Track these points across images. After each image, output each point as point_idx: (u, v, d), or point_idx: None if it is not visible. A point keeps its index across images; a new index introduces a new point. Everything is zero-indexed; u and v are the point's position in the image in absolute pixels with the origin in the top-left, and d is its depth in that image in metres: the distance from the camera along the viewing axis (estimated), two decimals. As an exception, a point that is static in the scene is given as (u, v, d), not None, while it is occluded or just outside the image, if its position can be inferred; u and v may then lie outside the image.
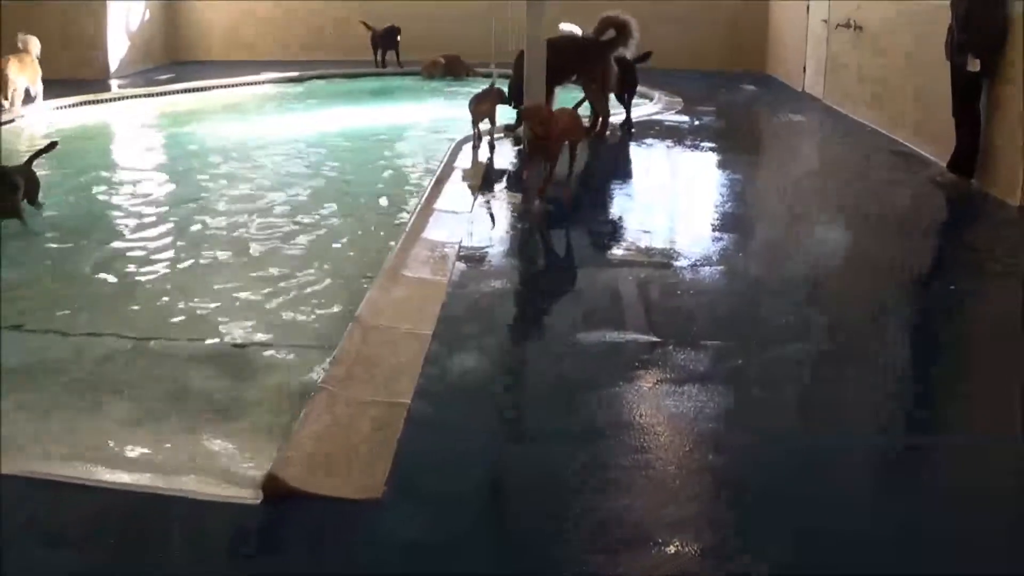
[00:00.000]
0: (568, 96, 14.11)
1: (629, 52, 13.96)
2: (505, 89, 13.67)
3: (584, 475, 4.90)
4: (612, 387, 5.85)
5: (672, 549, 4.23)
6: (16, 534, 4.43)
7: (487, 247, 8.73)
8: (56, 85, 18.04)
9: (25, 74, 16.62)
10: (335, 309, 7.48)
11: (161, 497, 4.75)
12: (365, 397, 5.60)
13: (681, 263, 8.21)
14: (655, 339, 6.49)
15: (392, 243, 8.58)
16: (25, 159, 10.14)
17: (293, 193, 11.38)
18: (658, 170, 12.71)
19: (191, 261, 8.85)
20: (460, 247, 8.50)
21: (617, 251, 8.68)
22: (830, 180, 12.28)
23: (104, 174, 12.70)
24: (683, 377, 5.93)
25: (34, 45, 16.85)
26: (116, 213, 10.56)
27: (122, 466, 5.21)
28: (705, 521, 4.51)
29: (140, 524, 4.53)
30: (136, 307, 7.78)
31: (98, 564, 4.20)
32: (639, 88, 15.71)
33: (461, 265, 8.06)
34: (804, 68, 18.51)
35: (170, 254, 9.08)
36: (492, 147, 13.14)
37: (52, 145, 10.67)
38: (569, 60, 13.46)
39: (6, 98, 16.11)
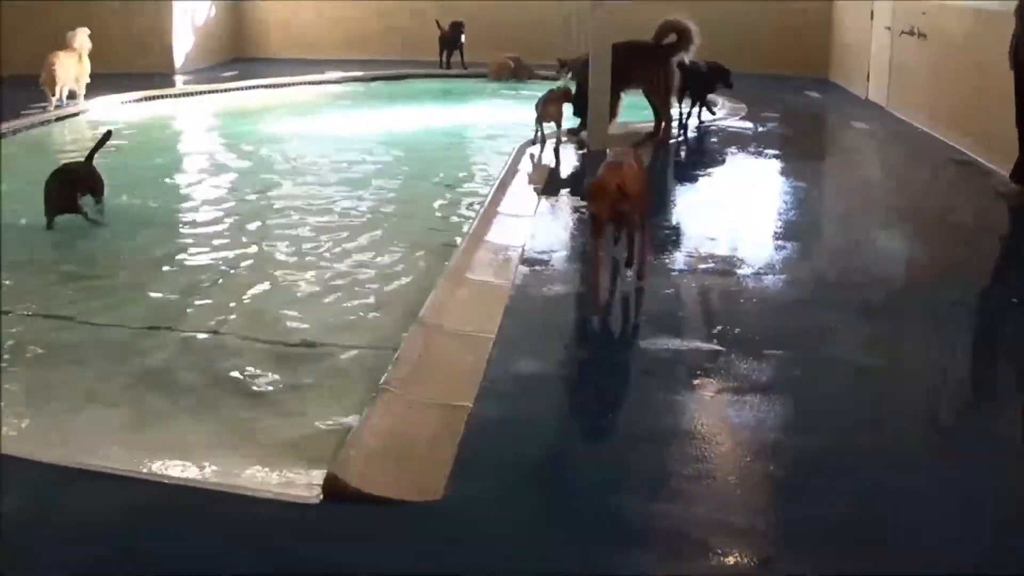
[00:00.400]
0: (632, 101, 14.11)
1: (689, 56, 13.86)
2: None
3: (644, 482, 4.86)
4: (673, 395, 5.79)
5: (731, 560, 4.21)
6: (57, 525, 4.45)
7: (550, 251, 8.65)
8: (121, 79, 18.26)
9: (73, 70, 16.46)
10: (397, 310, 7.42)
11: (219, 494, 4.76)
12: (427, 399, 5.57)
13: (744, 271, 8.12)
14: (717, 347, 6.42)
15: (455, 244, 8.59)
16: (86, 155, 10.15)
17: (354, 193, 11.37)
18: (722, 176, 12.60)
19: (250, 258, 8.88)
20: (523, 250, 8.45)
21: (680, 257, 8.58)
22: (892, 189, 12.12)
23: (165, 169, 12.80)
24: (745, 386, 5.86)
25: (81, 40, 16.73)
26: (176, 209, 10.62)
27: (179, 461, 5.23)
28: (760, 531, 4.46)
29: (197, 520, 4.53)
30: (194, 302, 7.81)
31: (154, 559, 4.19)
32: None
33: (524, 268, 8.01)
34: (867, 75, 18.31)
35: (229, 251, 9.11)
36: (557, 150, 13.06)
37: (107, 135, 10.56)
38: (632, 65, 13.39)
39: (54, 94, 16.15)
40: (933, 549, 4.29)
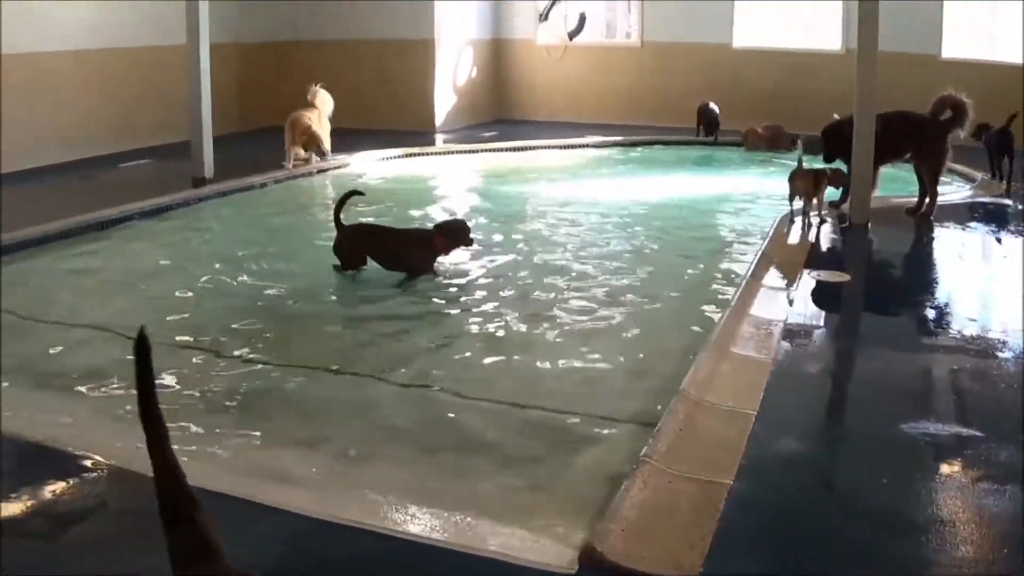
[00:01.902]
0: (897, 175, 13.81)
1: (964, 132, 13.42)
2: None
3: (901, 569, 4.73)
4: (932, 480, 5.56)
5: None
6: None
7: (811, 326, 8.45)
8: (385, 135, 19.24)
9: (322, 130, 16.77)
10: (654, 381, 7.32)
11: (475, 558, 4.78)
12: (687, 473, 5.47)
13: (1006, 354, 7.69)
14: (977, 433, 6.12)
15: (714, 316, 8.49)
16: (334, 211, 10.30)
17: (609, 259, 11.20)
18: (982, 254, 12.13)
19: (502, 321, 8.89)
20: (784, 325, 8.26)
21: (942, 339, 8.24)
22: None
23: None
24: (1006, 475, 5.53)
25: (323, 100, 17.06)
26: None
27: (433, 521, 5.30)
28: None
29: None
30: (446, 363, 7.91)
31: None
32: (957, 167, 15.39)
33: (785, 344, 7.81)
34: None
35: (481, 312, 9.17)
36: (819, 225, 12.68)
37: (350, 194, 10.62)
38: (904, 137, 12.99)
39: (323, 157, 16.54)
40: None
